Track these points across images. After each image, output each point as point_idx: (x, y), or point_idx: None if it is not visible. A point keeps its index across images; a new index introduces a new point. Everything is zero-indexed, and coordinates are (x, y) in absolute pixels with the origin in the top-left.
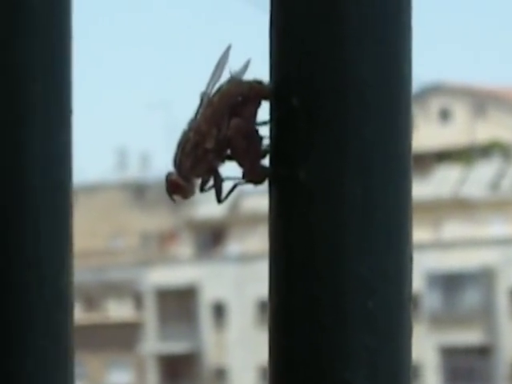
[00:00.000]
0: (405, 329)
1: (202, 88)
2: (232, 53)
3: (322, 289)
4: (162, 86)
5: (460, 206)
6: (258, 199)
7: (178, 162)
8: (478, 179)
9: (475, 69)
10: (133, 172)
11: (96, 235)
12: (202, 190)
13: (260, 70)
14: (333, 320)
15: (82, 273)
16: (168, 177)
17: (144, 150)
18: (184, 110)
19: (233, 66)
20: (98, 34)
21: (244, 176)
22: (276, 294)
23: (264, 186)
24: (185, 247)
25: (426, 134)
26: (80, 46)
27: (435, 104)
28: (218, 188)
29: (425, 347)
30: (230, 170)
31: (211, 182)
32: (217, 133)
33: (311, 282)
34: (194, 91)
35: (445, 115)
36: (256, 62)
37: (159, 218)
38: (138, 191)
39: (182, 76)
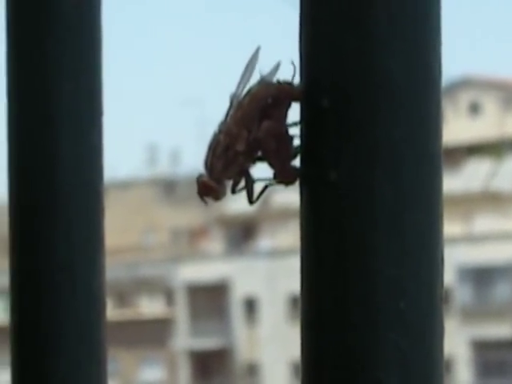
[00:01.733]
0: (437, 329)
1: (233, 86)
2: (265, 52)
3: (353, 289)
4: (194, 82)
5: (491, 200)
6: (288, 194)
7: (209, 164)
8: (508, 172)
9: (505, 62)
10: (163, 168)
11: (127, 232)
12: (234, 191)
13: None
14: (364, 320)
15: (113, 269)
16: (199, 179)
17: (174, 147)
18: (215, 106)
19: (263, 67)
20: (130, 30)
21: (275, 177)
22: (307, 294)
23: None
24: (216, 243)
25: (455, 128)
26: (112, 42)
27: (465, 98)
28: (249, 189)
29: (456, 341)
30: (261, 170)
31: (242, 184)
32: (247, 135)
33: (342, 282)
34: (226, 89)
35: (475, 109)
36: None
37: (190, 213)
38: (168, 187)
39: (214, 73)
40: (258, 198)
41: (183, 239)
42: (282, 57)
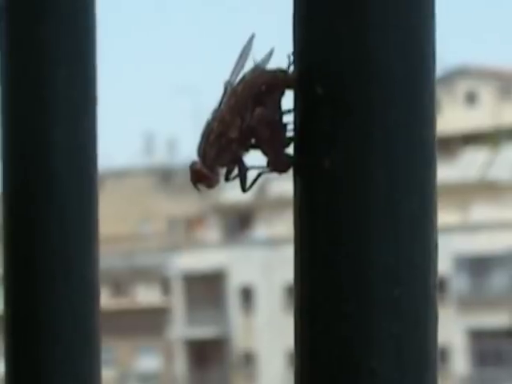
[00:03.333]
0: (431, 317)
1: (228, 74)
2: (260, 39)
3: (347, 277)
4: (190, 70)
5: (487, 189)
6: (285, 183)
7: (203, 151)
8: (504, 162)
9: (501, 51)
10: (160, 157)
11: (123, 220)
12: (227, 179)
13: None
14: (358, 309)
15: (109, 258)
16: (192, 166)
17: (171, 135)
18: (211, 95)
19: (257, 55)
20: (124, 16)
21: (268, 165)
22: (301, 283)
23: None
24: (212, 232)
25: (452, 117)
26: (109, 30)
27: (461, 87)
28: (242, 177)
29: (452, 330)
30: (255, 158)
31: (236, 171)
32: (241, 122)
33: (336, 270)
34: (222, 76)
35: (471, 98)
36: (281, 50)
37: (186, 203)
38: (165, 176)
39: (210, 60)
40: (251, 186)
41: (179, 228)
42: (276, 44)
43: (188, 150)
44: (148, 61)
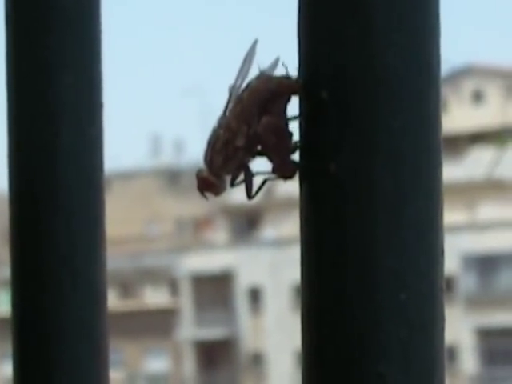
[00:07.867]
0: (437, 320)
1: (232, 78)
2: (264, 42)
3: (354, 283)
4: (197, 71)
5: (494, 188)
6: (292, 184)
7: (209, 159)
8: (511, 160)
9: (508, 50)
10: (167, 158)
11: (131, 222)
12: (233, 185)
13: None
14: (365, 313)
15: (117, 260)
16: (199, 174)
17: (178, 137)
18: (218, 96)
19: (262, 61)
20: (130, 16)
21: (274, 171)
22: (308, 288)
23: None
24: (220, 233)
25: (459, 116)
26: (114, 33)
27: (468, 86)
28: (248, 184)
29: (461, 329)
30: (260, 165)
31: (241, 178)
32: (247, 130)
33: (343, 276)
34: (229, 77)
35: (477, 97)
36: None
37: (194, 203)
38: (172, 177)
39: (217, 61)
40: (257, 192)
41: (187, 229)
42: (281, 47)
43: (195, 151)
44: (155, 62)
